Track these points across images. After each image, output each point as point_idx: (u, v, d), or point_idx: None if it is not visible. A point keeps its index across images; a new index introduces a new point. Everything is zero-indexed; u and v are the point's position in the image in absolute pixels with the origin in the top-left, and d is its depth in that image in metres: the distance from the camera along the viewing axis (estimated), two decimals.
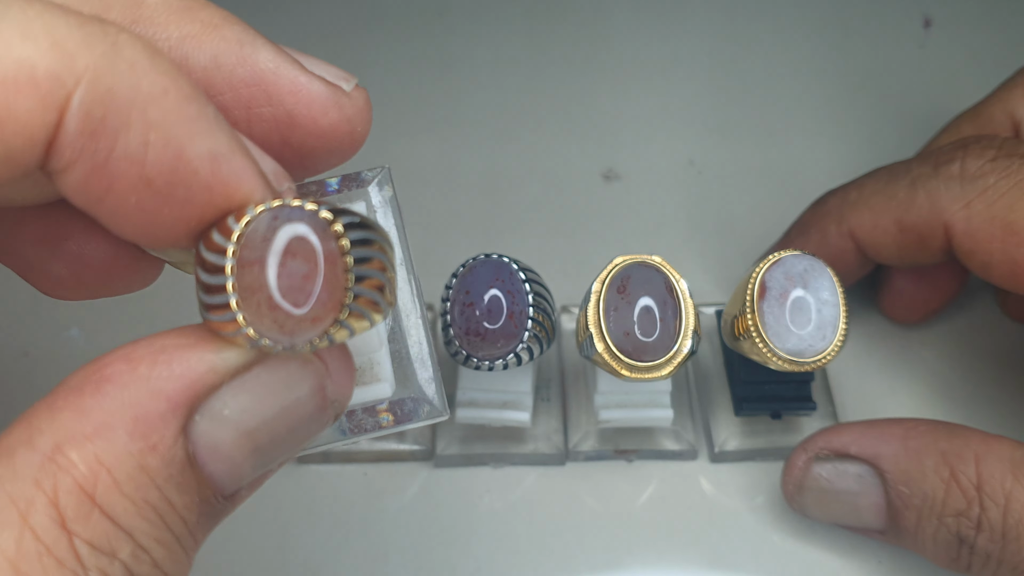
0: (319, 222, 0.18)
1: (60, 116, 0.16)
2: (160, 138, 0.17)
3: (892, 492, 0.29)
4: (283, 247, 0.17)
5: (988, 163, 0.30)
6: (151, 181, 0.17)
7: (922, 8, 0.49)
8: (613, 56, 0.47)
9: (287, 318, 0.17)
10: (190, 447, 0.17)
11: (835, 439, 0.30)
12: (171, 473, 0.17)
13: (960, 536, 0.28)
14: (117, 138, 0.16)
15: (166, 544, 0.17)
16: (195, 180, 0.17)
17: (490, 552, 0.33)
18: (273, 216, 0.18)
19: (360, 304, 0.18)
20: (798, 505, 0.31)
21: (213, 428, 0.18)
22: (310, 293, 0.17)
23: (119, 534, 0.17)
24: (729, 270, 0.39)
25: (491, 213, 0.42)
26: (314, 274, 0.17)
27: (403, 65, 0.47)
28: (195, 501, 0.18)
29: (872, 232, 0.33)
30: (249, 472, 0.19)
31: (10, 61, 0.15)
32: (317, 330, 0.17)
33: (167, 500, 0.17)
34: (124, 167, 0.17)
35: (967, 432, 0.28)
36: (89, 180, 0.17)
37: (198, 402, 0.18)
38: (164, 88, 0.17)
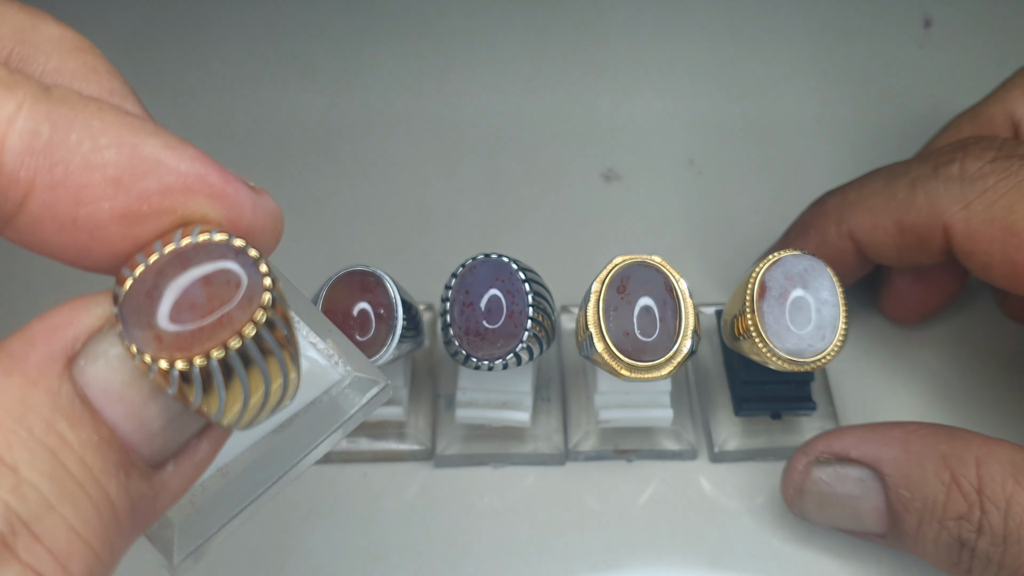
0: (255, 280, 0.17)
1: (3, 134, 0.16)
2: (111, 140, 0.17)
3: (893, 496, 0.29)
4: (201, 276, 0.17)
5: (987, 164, 0.30)
6: (119, 181, 0.17)
7: (922, 8, 0.49)
8: (613, 56, 0.47)
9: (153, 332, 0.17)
10: (79, 388, 0.17)
11: (835, 442, 0.30)
12: (58, 405, 0.16)
13: (961, 540, 0.27)
14: (69, 149, 0.17)
15: (60, 481, 0.16)
16: (162, 170, 0.17)
17: (490, 552, 0.33)
18: (215, 246, 0.17)
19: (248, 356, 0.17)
20: (798, 509, 0.31)
21: (100, 368, 0.17)
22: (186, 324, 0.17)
23: (0, 469, 0.15)
24: (729, 270, 0.39)
25: (491, 213, 0.42)
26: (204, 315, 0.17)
27: (403, 64, 0.47)
28: (94, 440, 0.16)
29: (871, 233, 0.33)
30: (157, 424, 0.17)
31: None
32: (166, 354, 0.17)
33: (57, 434, 0.16)
34: (86, 174, 0.17)
35: (968, 435, 0.28)
36: (54, 199, 0.17)
37: (77, 344, 0.17)
38: (98, 105, 0.17)
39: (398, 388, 0.33)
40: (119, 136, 0.17)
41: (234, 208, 0.18)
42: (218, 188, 0.18)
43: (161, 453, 0.18)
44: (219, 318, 0.17)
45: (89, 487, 0.16)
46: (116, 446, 0.17)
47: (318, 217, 0.41)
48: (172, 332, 0.17)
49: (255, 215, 0.19)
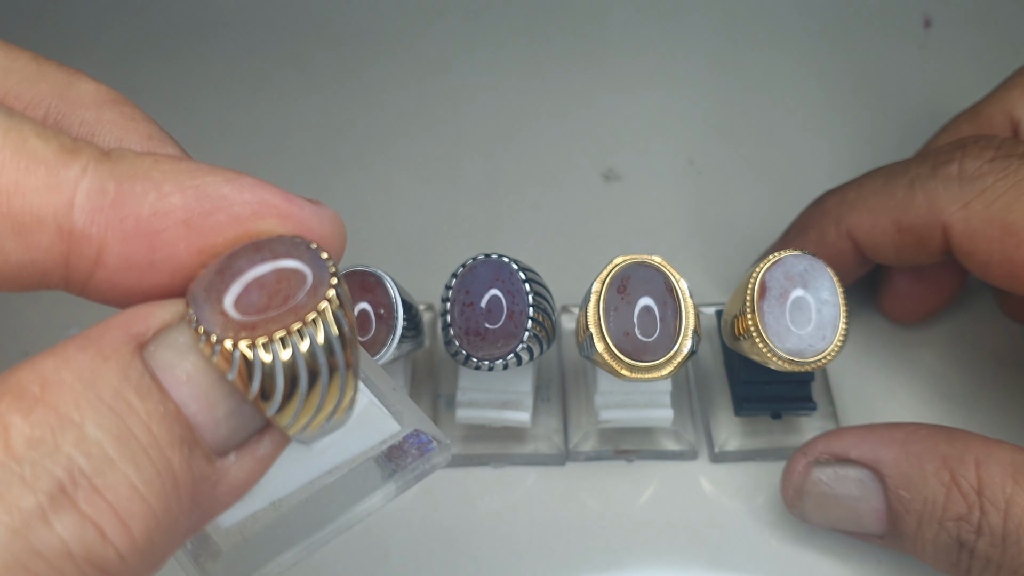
0: (323, 278, 0.18)
1: (71, 197, 0.17)
2: (174, 187, 0.18)
3: (892, 496, 0.29)
4: (271, 270, 0.18)
5: (986, 164, 0.30)
6: (190, 222, 0.18)
7: (922, 8, 0.49)
8: (613, 56, 0.47)
9: (221, 315, 0.17)
10: (149, 367, 0.17)
11: (835, 443, 0.30)
12: (128, 376, 0.17)
13: (960, 540, 0.27)
14: (136, 199, 0.18)
15: (126, 443, 0.16)
16: (227, 202, 0.18)
17: (490, 552, 0.33)
18: (295, 245, 0.18)
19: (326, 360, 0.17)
20: (798, 510, 0.31)
21: (169, 353, 0.17)
22: (254, 314, 0.17)
23: (65, 425, 0.16)
24: (729, 270, 0.39)
25: (491, 213, 0.42)
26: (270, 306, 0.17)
27: (403, 64, 0.47)
28: (160, 411, 0.17)
29: (870, 232, 0.33)
30: (223, 413, 0.18)
31: (25, 151, 0.17)
32: (246, 335, 0.17)
33: (126, 401, 0.17)
34: (157, 221, 0.18)
35: (967, 436, 0.28)
36: (129, 251, 0.18)
37: (149, 331, 0.18)
38: (154, 160, 0.18)
39: (398, 388, 0.33)
40: (180, 181, 0.18)
41: (303, 224, 0.19)
42: (284, 209, 0.19)
43: (225, 442, 0.18)
44: (287, 308, 0.17)
45: (153, 453, 0.17)
46: (182, 421, 0.17)
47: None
48: (240, 317, 0.17)
49: (322, 226, 0.20)
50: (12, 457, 0.15)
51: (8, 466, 0.15)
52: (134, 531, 0.16)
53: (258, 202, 0.19)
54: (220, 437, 0.18)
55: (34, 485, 0.15)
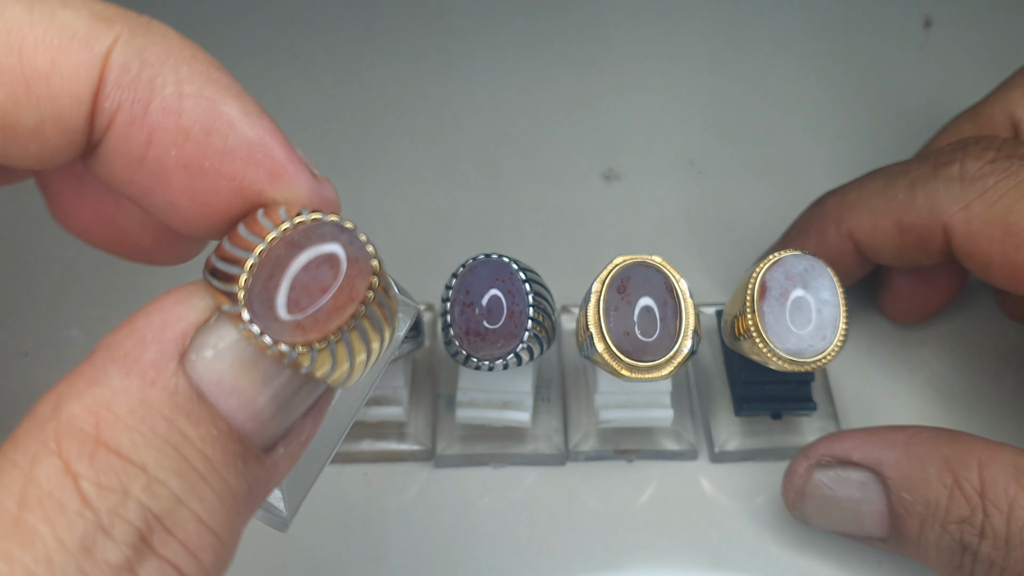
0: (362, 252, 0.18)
1: (101, 72, 0.17)
2: (193, 91, 0.18)
3: (895, 499, 0.29)
4: (315, 258, 0.18)
5: (987, 164, 0.30)
6: (189, 132, 0.18)
7: (922, 8, 0.49)
8: (613, 56, 0.47)
9: (283, 321, 0.17)
10: (194, 383, 0.17)
11: (837, 446, 0.30)
12: (177, 403, 0.17)
13: (963, 543, 0.27)
14: (153, 89, 0.18)
15: (186, 477, 0.17)
16: (232, 132, 0.18)
17: (490, 552, 0.33)
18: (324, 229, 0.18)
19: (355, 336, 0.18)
20: (799, 513, 0.31)
21: (211, 362, 0.17)
22: (313, 305, 0.18)
23: (128, 468, 0.16)
24: (729, 270, 0.39)
25: (491, 213, 0.42)
26: (327, 290, 0.18)
27: (403, 64, 0.47)
28: (213, 435, 0.17)
29: (871, 233, 0.33)
30: (269, 412, 0.18)
31: (55, 25, 0.17)
32: (303, 338, 0.17)
33: (179, 431, 0.17)
34: (162, 117, 0.18)
35: (970, 439, 0.28)
36: (129, 136, 0.18)
37: (186, 339, 0.17)
38: (193, 55, 0.18)
39: (398, 388, 0.33)
40: (202, 88, 0.18)
41: (291, 189, 0.19)
42: (279, 165, 0.19)
43: (272, 438, 0.19)
44: (340, 293, 0.18)
45: (212, 480, 0.17)
46: (233, 437, 0.18)
47: None
48: (298, 317, 0.17)
49: (311, 201, 0.19)
50: (89, 508, 0.16)
51: (87, 517, 0.16)
52: (205, 562, 0.17)
53: (258, 144, 0.18)
54: (267, 437, 0.18)
55: (116, 536, 0.16)
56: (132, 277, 0.37)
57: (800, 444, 0.34)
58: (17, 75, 0.17)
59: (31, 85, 0.17)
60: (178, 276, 0.34)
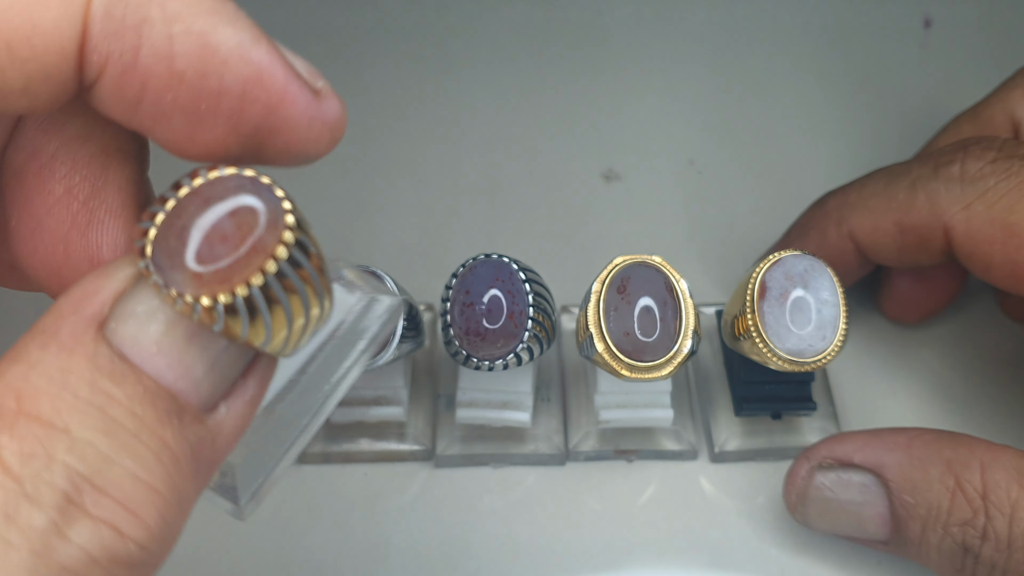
0: (275, 208, 0.17)
1: (84, 23, 0.16)
2: (183, 29, 0.17)
3: (896, 501, 0.28)
4: (225, 214, 0.17)
5: (988, 165, 0.30)
6: (182, 75, 0.17)
7: (922, 8, 0.49)
8: (613, 56, 0.47)
9: (187, 272, 0.17)
10: (116, 348, 0.17)
11: (838, 448, 0.30)
12: (98, 366, 0.16)
13: (965, 546, 0.27)
14: (141, 34, 0.17)
15: (114, 435, 0.16)
16: (226, 70, 0.17)
17: (490, 552, 0.33)
18: (239, 183, 0.18)
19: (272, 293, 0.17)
20: (800, 515, 0.31)
21: (131, 326, 0.17)
22: (219, 259, 0.17)
23: (51, 433, 0.16)
24: (729, 270, 0.39)
25: (491, 213, 0.42)
26: (235, 246, 0.17)
27: (403, 65, 0.47)
28: (140, 392, 0.17)
29: (872, 233, 0.33)
30: (200, 369, 0.18)
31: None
32: (208, 290, 0.17)
33: (102, 392, 0.16)
34: (153, 64, 0.17)
35: (972, 441, 0.28)
36: (122, 84, 0.17)
37: (105, 308, 0.17)
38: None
39: (398, 388, 0.33)
40: (192, 23, 0.17)
41: (287, 120, 0.18)
42: (275, 97, 0.18)
43: (211, 397, 0.18)
44: (251, 247, 0.17)
45: (144, 436, 0.17)
46: (164, 395, 0.17)
47: (318, 217, 0.41)
48: (208, 269, 0.17)
49: (310, 127, 0.19)
50: (11, 477, 0.15)
51: (8, 487, 0.15)
52: (147, 519, 0.16)
53: (253, 81, 0.18)
54: (205, 395, 0.18)
55: (40, 501, 0.15)
56: None
57: (800, 444, 0.34)
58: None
59: (13, 48, 0.16)
60: None
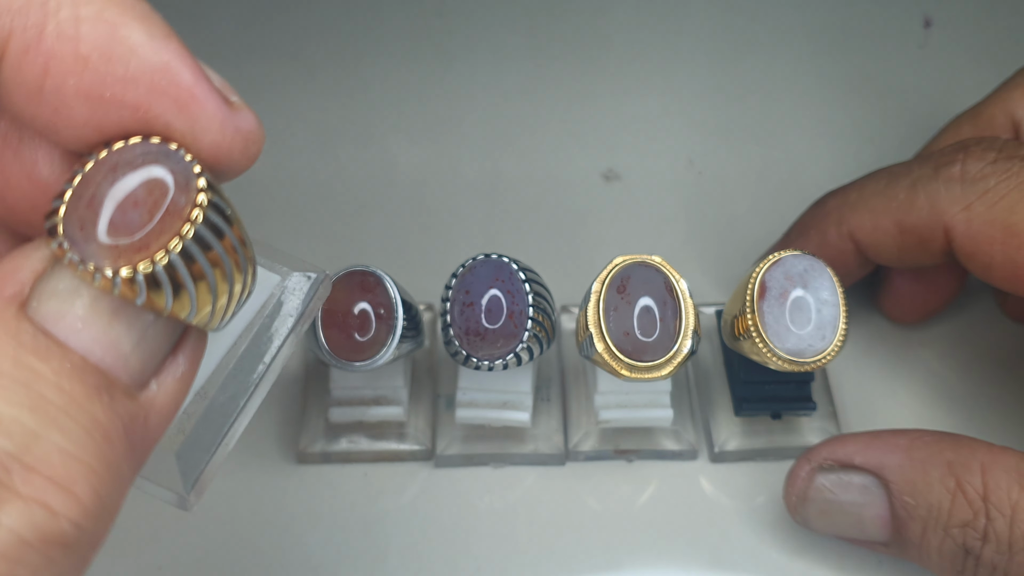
0: (186, 173, 0.17)
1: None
2: (92, 14, 0.16)
3: (897, 503, 0.28)
4: (136, 184, 0.17)
5: (989, 165, 0.30)
6: (87, 59, 0.16)
7: (922, 8, 0.49)
8: (613, 56, 0.47)
9: (102, 245, 0.17)
10: (39, 325, 0.16)
11: (839, 449, 0.30)
12: (22, 342, 0.16)
13: (966, 547, 0.27)
14: (47, 13, 0.16)
15: (42, 411, 0.16)
16: (132, 57, 0.17)
17: (490, 552, 0.33)
18: (146, 150, 0.17)
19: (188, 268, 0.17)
20: (801, 517, 0.31)
21: (53, 303, 0.17)
22: (134, 229, 0.17)
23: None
24: (729, 270, 0.39)
25: (491, 213, 0.42)
26: (148, 215, 0.17)
27: (403, 65, 0.47)
28: (67, 368, 0.16)
29: (872, 234, 0.33)
30: (129, 346, 0.17)
31: None
32: (125, 261, 0.17)
33: (27, 367, 0.16)
34: (57, 44, 0.16)
35: (973, 443, 0.28)
36: (23, 64, 0.16)
37: (26, 289, 0.17)
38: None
39: (398, 388, 0.33)
40: (102, 10, 0.16)
41: (198, 120, 0.18)
42: (185, 93, 0.17)
43: (141, 373, 0.18)
44: (165, 212, 0.17)
45: (73, 411, 0.16)
46: (92, 370, 0.17)
47: (318, 217, 0.41)
48: (124, 240, 0.17)
49: (223, 132, 0.18)
50: None
51: None
52: (81, 495, 0.16)
53: (162, 71, 0.17)
54: (134, 370, 0.17)
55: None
56: None
57: (800, 444, 0.34)
58: None
59: None
60: None
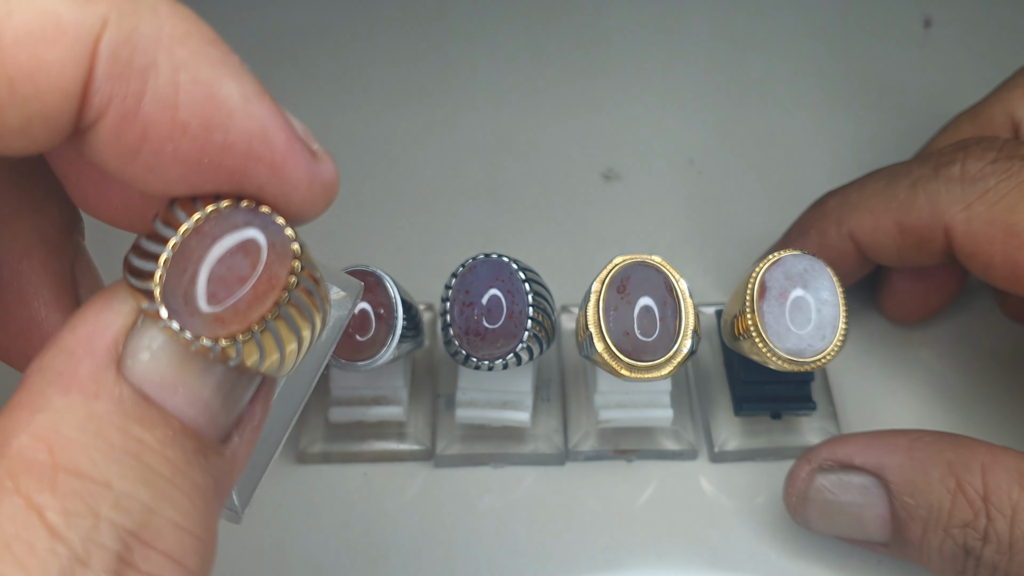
0: (279, 236, 0.17)
1: (90, 63, 0.16)
2: (190, 78, 0.16)
3: (897, 503, 0.28)
4: (231, 247, 0.17)
5: (989, 165, 0.30)
6: (186, 126, 0.17)
7: (922, 8, 0.49)
8: (613, 56, 0.47)
9: (203, 315, 0.17)
10: (137, 388, 0.17)
11: (839, 450, 0.30)
12: (126, 411, 0.16)
13: (966, 548, 0.27)
14: (146, 80, 0.16)
15: (153, 484, 0.16)
16: (231, 123, 0.17)
17: (490, 552, 0.33)
18: (240, 214, 0.18)
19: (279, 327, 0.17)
20: (801, 518, 0.31)
21: (148, 363, 0.17)
22: (232, 296, 0.17)
23: (93, 488, 0.15)
24: (729, 270, 0.39)
25: (491, 213, 0.42)
26: (246, 282, 0.17)
27: (403, 65, 0.47)
28: (169, 435, 0.17)
29: (872, 234, 0.33)
30: (216, 403, 0.18)
31: (34, 13, 0.15)
32: (224, 331, 0.17)
33: (135, 438, 0.16)
34: (157, 112, 0.16)
35: (973, 443, 0.28)
36: (122, 130, 0.16)
37: (118, 345, 0.17)
38: (187, 31, 0.17)
39: (398, 388, 0.33)
40: (198, 72, 0.17)
41: (289, 182, 0.18)
42: (279, 157, 0.18)
43: (226, 428, 0.18)
44: (262, 281, 0.17)
45: (179, 481, 0.17)
46: (189, 434, 0.17)
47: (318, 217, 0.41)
48: (222, 309, 0.17)
49: (310, 189, 0.18)
50: (60, 541, 0.15)
51: (61, 553, 0.15)
52: (192, 567, 0.16)
53: (258, 137, 0.17)
54: (221, 428, 0.18)
55: (94, 565, 0.15)
56: None
57: (800, 444, 0.34)
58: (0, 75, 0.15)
59: (15, 84, 0.16)
60: None
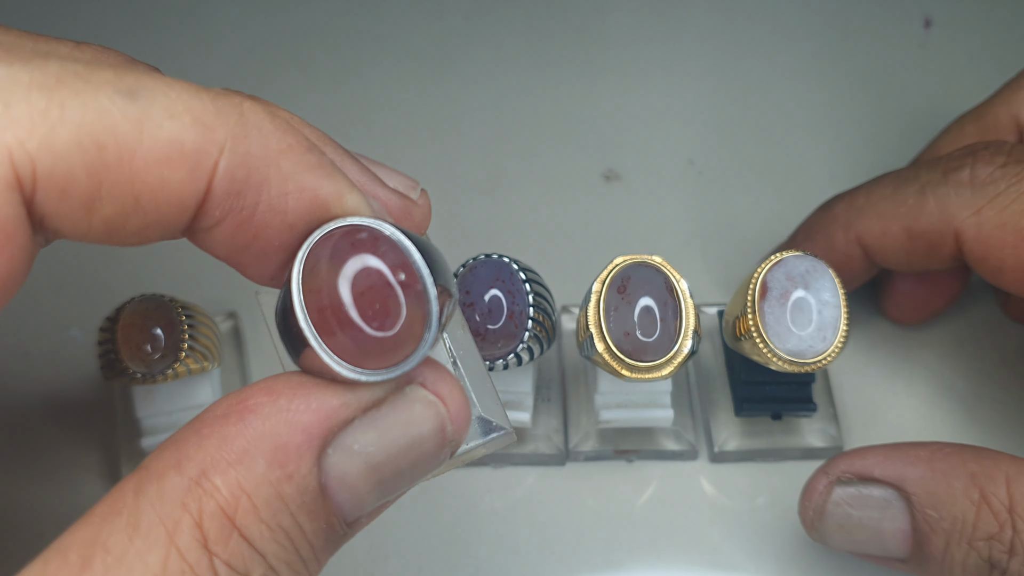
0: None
1: (208, 183, 0.18)
2: (296, 187, 0.19)
3: (919, 516, 0.27)
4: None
5: (998, 169, 0.30)
6: (293, 226, 0.19)
7: (922, 8, 0.49)
8: (613, 56, 0.47)
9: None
10: (322, 477, 0.19)
11: (858, 462, 0.29)
12: (304, 501, 0.18)
13: (992, 561, 0.26)
14: (260, 193, 0.19)
15: (294, 568, 0.19)
16: (328, 216, 0.20)
17: (490, 552, 0.33)
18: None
19: None
20: (817, 533, 0.30)
21: (343, 461, 0.19)
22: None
23: (254, 556, 0.18)
24: (730, 270, 0.39)
25: (491, 213, 0.42)
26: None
27: (403, 65, 0.47)
28: (323, 528, 0.19)
29: (881, 239, 0.33)
30: (370, 502, 0.20)
31: (162, 140, 0.18)
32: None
33: (299, 526, 0.19)
34: (268, 217, 0.19)
35: (996, 454, 0.27)
36: (236, 234, 0.19)
37: (331, 436, 0.19)
38: (288, 144, 0.19)
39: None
40: (301, 180, 0.19)
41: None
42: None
43: (363, 517, 0.20)
44: None
45: (312, 566, 0.19)
46: (337, 527, 0.20)
47: None
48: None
49: (410, 228, 0.21)
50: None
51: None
52: None
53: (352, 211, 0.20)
54: (360, 515, 0.20)
55: None
56: (132, 276, 0.37)
57: (800, 445, 0.34)
58: (127, 191, 0.18)
59: (140, 199, 0.18)
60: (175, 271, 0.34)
